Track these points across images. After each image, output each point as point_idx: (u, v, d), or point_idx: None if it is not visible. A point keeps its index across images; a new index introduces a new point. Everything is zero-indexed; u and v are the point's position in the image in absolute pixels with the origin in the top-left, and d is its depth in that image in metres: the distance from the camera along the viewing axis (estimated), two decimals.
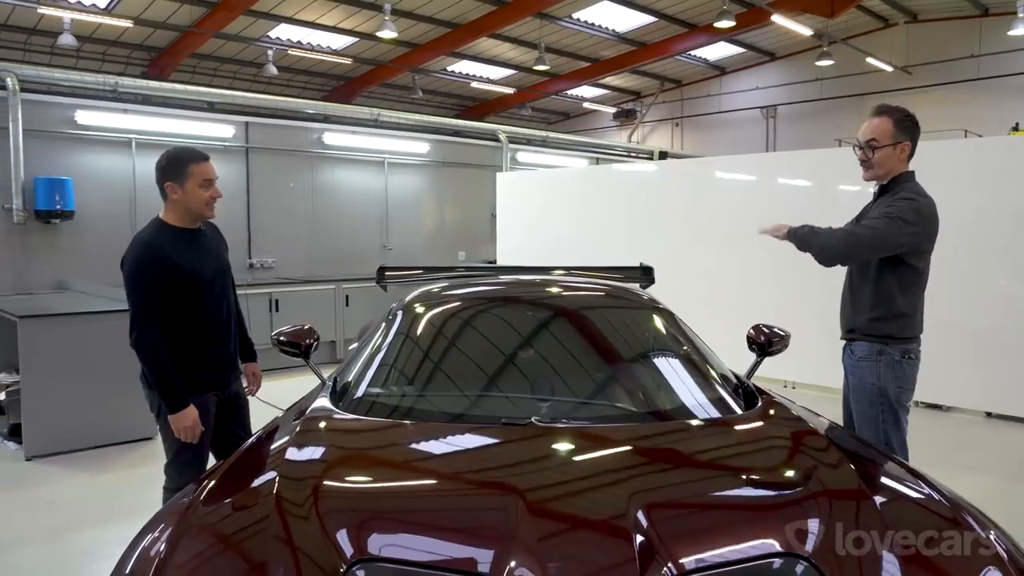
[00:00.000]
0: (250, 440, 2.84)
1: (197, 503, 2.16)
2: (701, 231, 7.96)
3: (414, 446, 2.50)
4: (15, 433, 5.66)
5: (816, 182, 7.36)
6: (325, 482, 2.16)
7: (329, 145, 9.46)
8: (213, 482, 2.33)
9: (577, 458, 2.35)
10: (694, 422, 2.67)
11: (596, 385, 3.09)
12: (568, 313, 3.48)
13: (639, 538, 1.79)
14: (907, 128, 3.27)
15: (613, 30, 17.05)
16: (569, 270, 4.63)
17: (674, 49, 18.03)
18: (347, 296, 9.16)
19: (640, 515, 1.87)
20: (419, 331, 3.28)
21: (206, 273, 3.31)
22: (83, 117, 7.62)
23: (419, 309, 3.40)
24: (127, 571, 1.91)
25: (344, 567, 1.77)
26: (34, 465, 5.36)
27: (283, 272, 9.05)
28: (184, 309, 3.23)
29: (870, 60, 16.62)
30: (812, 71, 18.04)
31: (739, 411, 2.74)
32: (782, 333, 3.58)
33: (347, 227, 9.63)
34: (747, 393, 2.95)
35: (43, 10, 13.61)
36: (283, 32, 16.02)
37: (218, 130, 8.53)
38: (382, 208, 10.05)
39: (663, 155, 14.45)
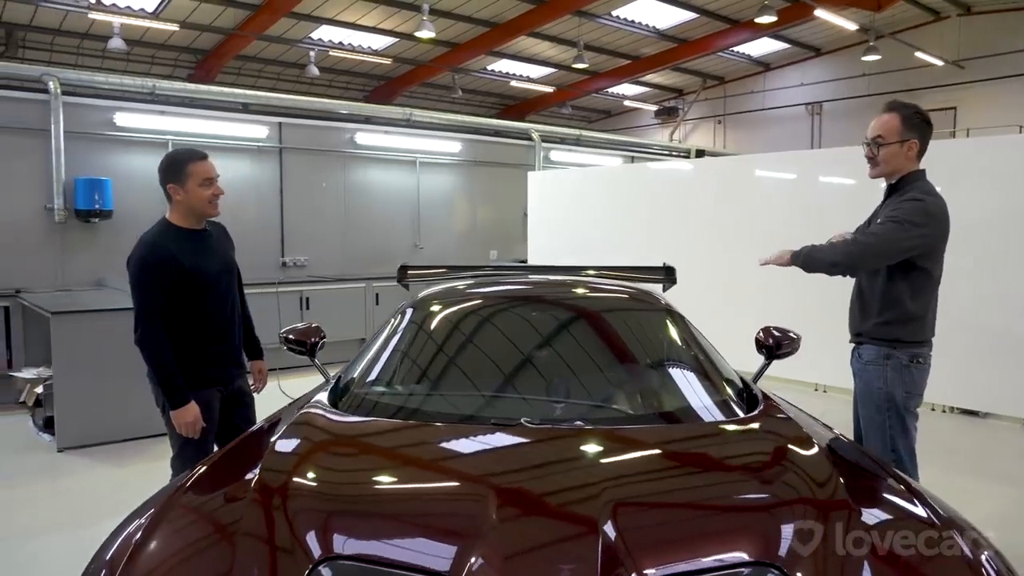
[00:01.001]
0: (248, 432, 2.90)
1: (182, 492, 2.22)
2: (738, 230, 7.77)
3: (396, 445, 2.52)
4: (49, 425, 5.85)
5: (860, 180, 6.94)
6: (298, 479, 2.18)
7: (361, 145, 9.55)
8: (203, 470, 2.39)
9: (558, 461, 2.33)
10: (686, 426, 2.64)
11: (595, 386, 3.06)
12: (572, 314, 3.47)
13: (605, 545, 1.77)
14: (915, 125, 3.18)
15: (653, 27, 16.89)
16: (591, 270, 4.62)
17: (716, 46, 17.77)
18: (377, 294, 9.27)
19: (610, 521, 1.85)
20: (420, 331, 3.31)
21: (210, 272, 3.39)
22: (122, 119, 7.83)
23: (422, 309, 3.42)
24: (107, 555, 1.97)
25: (311, 565, 1.78)
26: (64, 456, 5.54)
27: (315, 271, 9.17)
28: (188, 307, 3.32)
29: (919, 55, 16.15)
30: (859, 66, 17.61)
31: (736, 416, 2.69)
32: (792, 336, 3.52)
33: (379, 226, 9.72)
34: (750, 398, 2.89)
35: (94, 15, 14.00)
36: (324, 33, 16.23)
37: (252, 131, 8.69)
38: (414, 207, 10.11)
39: (700, 153, 14.25)
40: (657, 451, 2.44)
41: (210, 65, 16.96)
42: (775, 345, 3.49)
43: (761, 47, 18.75)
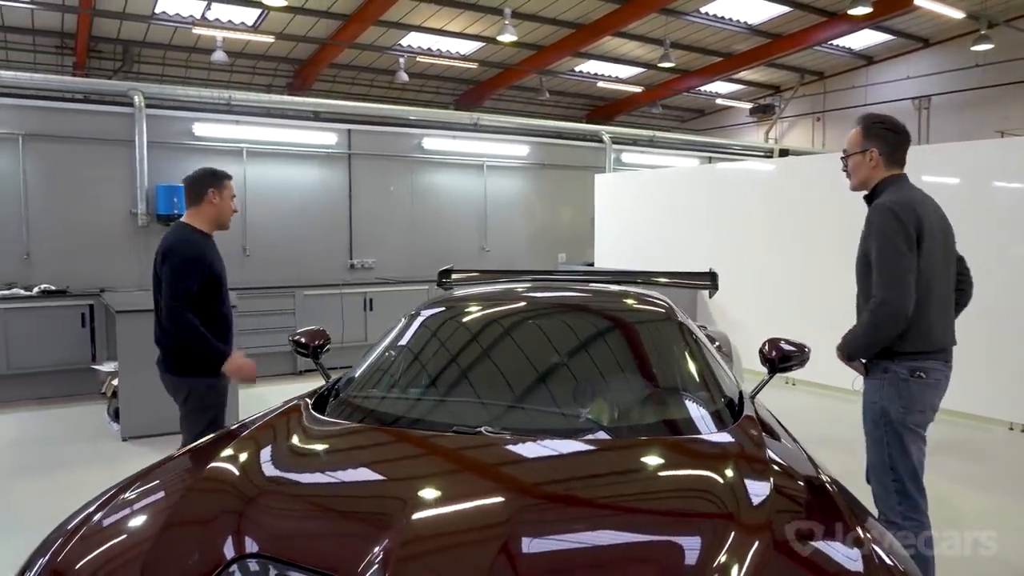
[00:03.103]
0: (235, 424, 3.05)
1: (141, 478, 2.35)
2: (820, 235, 7.35)
3: (343, 448, 2.59)
4: (119, 416, 6.28)
5: (968, 178, 6.52)
6: (233, 475, 2.29)
7: (428, 150, 9.76)
8: (176, 457, 2.55)
9: (499, 472, 2.35)
10: (646, 442, 2.58)
11: (574, 397, 3.04)
12: (564, 323, 3.45)
13: (501, 558, 1.78)
14: (874, 134, 3.19)
15: (745, 22, 16.39)
16: (637, 275, 4.72)
17: (813, 39, 17.06)
18: None
19: (513, 536, 1.86)
20: (413, 338, 3.39)
21: (224, 275, 3.77)
22: (200, 129, 8.32)
23: (420, 316, 3.50)
24: (68, 525, 2.11)
25: (223, 564, 1.87)
26: (128, 445, 5.94)
27: (382, 273, 9.43)
28: (208, 305, 3.65)
29: None
30: (970, 57, 16.51)
31: (698, 433, 2.62)
32: (797, 348, 3.37)
33: (445, 229, 9.90)
34: (735, 414, 2.80)
35: (198, 30, 14.88)
36: (413, 40, 16.61)
37: (322, 138, 9.03)
38: (480, 210, 10.24)
39: (784, 153, 13.72)
40: (607, 469, 2.40)
41: (306, 74, 17.68)
42: (778, 359, 3.35)
43: (863, 39, 17.87)
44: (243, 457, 2.43)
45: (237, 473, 2.31)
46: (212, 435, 2.88)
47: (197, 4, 13.94)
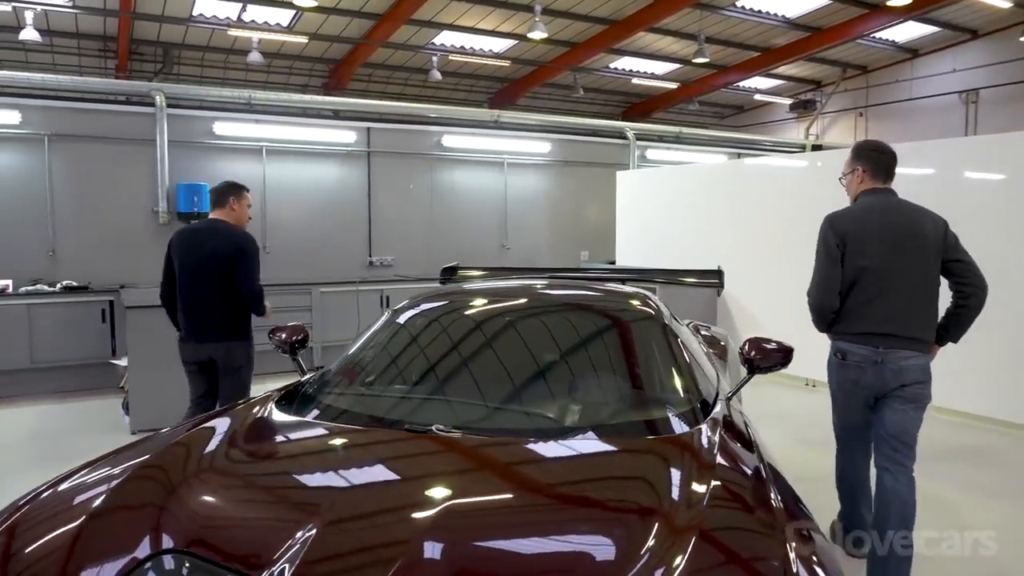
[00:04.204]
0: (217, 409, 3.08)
1: (89, 466, 2.39)
2: None
3: (292, 444, 2.59)
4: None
5: (1016, 172, 6.11)
6: (165, 469, 2.29)
7: (448, 147, 9.76)
8: (144, 442, 2.59)
9: (430, 473, 2.32)
10: (596, 444, 2.53)
11: (538, 397, 3.00)
12: (539, 322, 3.40)
13: (405, 564, 1.74)
14: (861, 155, 3.78)
15: (782, 16, 16.03)
16: (641, 272, 4.72)
17: (854, 32, 16.58)
18: None
19: (423, 541, 1.83)
20: (385, 335, 3.39)
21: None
22: (220, 128, 8.45)
23: (395, 314, 3.50)
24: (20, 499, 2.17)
25: (140, 557, 1.86)
26: (136, 438, 6.03)
27: (401, 270, 9.46)
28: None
29: None
30: (1020, 48, 15.89)
31: (663, 434, 2.57)
32: (779, 349, 3.26)
33: (465, 227, 9.89)
34: (704, 415, 2.73)
35: (234, 32, 15.13)
36: (446, 39, 16.63)
37: (342, 136, 9.10)
38: (501, 208, 10.20)
39: (816, 149, 13.38)
40: (529, 468, 2.35)
41: (341, 74, 17.84)
42: (756, 358, 3.24)
43: (907, 31, 17.32)
44: (188, 448, 2.45)
45: (176, 464, 2.32)
46: (178, 424, 2.91)
47: (233, 6, 14.16)
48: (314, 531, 1.85)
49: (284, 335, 3.71)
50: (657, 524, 1.88)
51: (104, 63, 16.49)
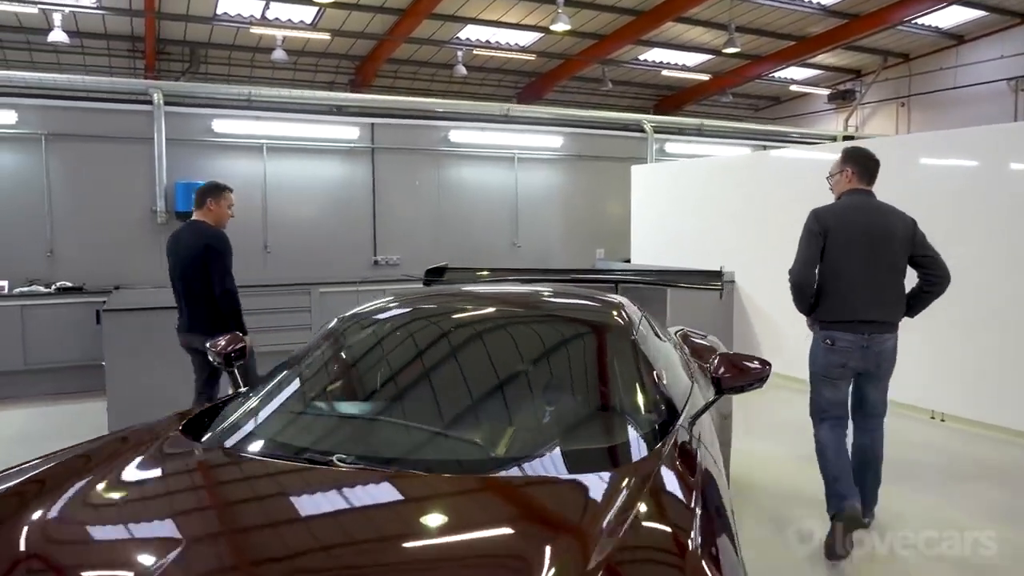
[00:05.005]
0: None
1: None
2: None
3: (168, 480, 2.36)
4: None
5: None
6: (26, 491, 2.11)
7: (455, 143, 9.53)
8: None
9: (302, 513, 2.08)
10: (510, 480, 2.26)
11: (467, 423, 2.71)
12: (485, 338, 3.11)
13: None
14: (848, 158, 4.21)
15: (817, 3, 15.42)
16: (634, 273, 4.72)
17: (894, 18, 15.88)
18: None
19: None
20: (312, 351, 3.13)
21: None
22: (219, 125, 8.34)
23: (328, 330, 3.25)
24: None
25: None
26: None
27: (408, 269, 9.26)
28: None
29: None
30: None
31: (589, 470, 2.27)
32: (749, 366, 2.93)
33: (474, 225, 9.65)
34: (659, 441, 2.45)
35: (257, 30, 15.13)
36: (471, 33, 16.41)
37: (344, 132, 8.93)
38: (511, 205, 9.93)
39: (848, 140, 12.81)
40: (415, 511, 2.09)
41: (366, 71, 17.75)
42: (724, 376, 2.91)
43: (951, 16, 16.52)
44: (60, 476, 2.27)
45: (38, 494, 2.14)
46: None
47: (256, 4, 14.14)
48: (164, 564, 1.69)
49: (220, 346, 3.48)
50: None
51: (133, 63, 16.64)
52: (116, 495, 2.25)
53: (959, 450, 5.80)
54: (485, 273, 5.59)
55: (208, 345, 3.58)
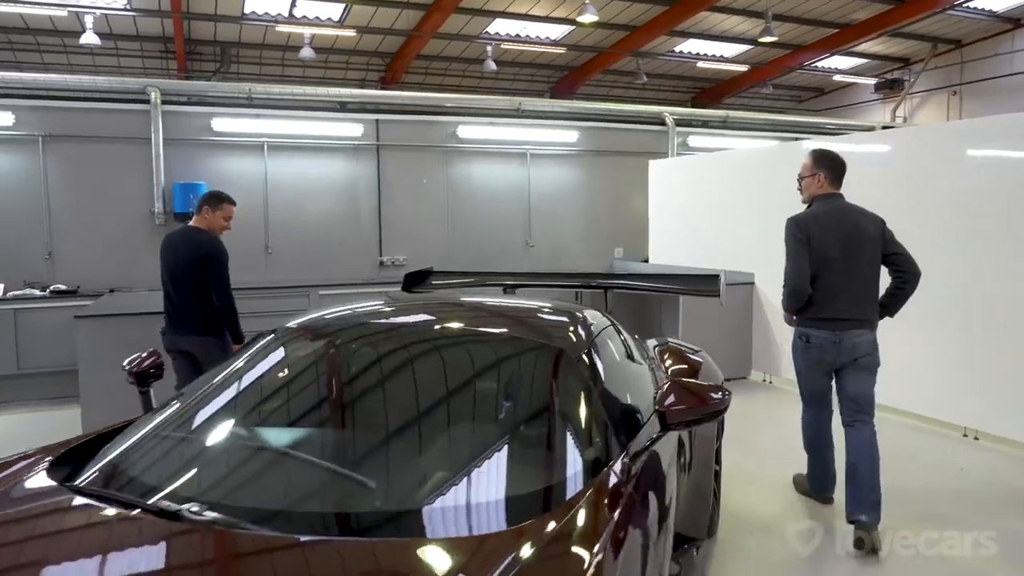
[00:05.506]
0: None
1: None
2: (938, 218, 5.86)
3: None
4: None
5: None
6: None
7: (464, 139, 9.21)
8: None
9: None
10: (378, 542, 1.95)
11: (360, 467, 2.34)
12: (402, 366, 2.76)
13: None
14: (822, 163, 4.34)
15: None
16: (631, 277, 5.14)
17: (944, 1, 15.01)
18: None
19: None
20: (210, 381, 2.81)
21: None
22: (219, 124, 8.19)
23: (251, 348, 2.95)
24: None
25: None
26: None
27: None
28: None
29: None
30: None
31: (487, 527, 1.97)
32: (702, 397, 2.55)
33: (485, 224, 9.33)
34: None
35: (285, 28, 15.06)
36: (501, 27, 16.10)
37: (348, 129, 8.71)
38: (524, 203, 9.58)
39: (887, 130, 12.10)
40: None
41: (396, 68, 17.58)
42: (667, 411, 2.52)
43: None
44: None
45: None
46: None
47: (283, 1, 14.05)
48: None
49: (134, 363, 3.21)
50: None
51: (166, 64, 16.75)
52: None
53: (993, 474, 5.24)
54: (465, 279, 5.34)
55: (125, 363, 3.34)
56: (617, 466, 2.26)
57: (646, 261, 9.31)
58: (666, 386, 2.59)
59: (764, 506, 4.59)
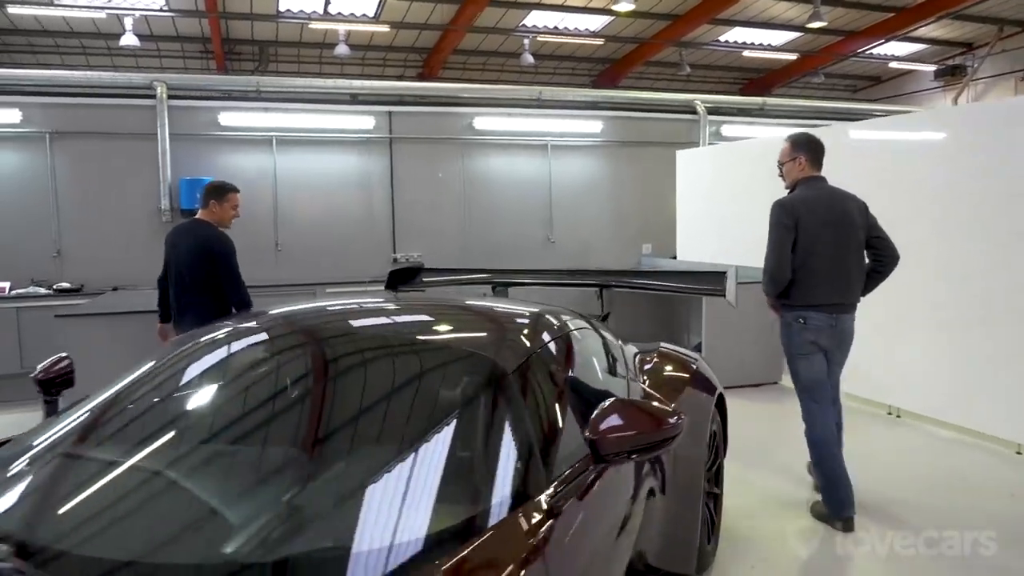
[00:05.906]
0: None
1: None
2: (984, 213, 5.39)
3: None
4: None
5: None
6: None
7: (481, 130, 8.88)
8: None
9: None
10: None
11: (237, 506, 1.99)
12: (317, 379, 2.42)
13: None
14: (801, 146, 4.34)
15: None
16: (632, 274, 4.93)
17: None
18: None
19: None
20: (110, 391, 2.53)
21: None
22: (226, 118, 8.04)
23: (168, 353, 2.68)
24: None
25: None
26: None
27: (430, 266, 8.69)
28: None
29: None
30: None
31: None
32: (644, 425, 2.14)
33: (503, 219, 8.98)
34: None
35: (320, 25, 14.98)
36: (537, 19, 15.74)
37: (359, 122, 8.47)
38: (544, 197, 9.19)
39: None
40: None
41: (433, 63, 17.37)
42: (599, 442, 2.11)
43: None
44: None
45: None
46: None
47: None
48: None
49: (41, 372, 2.96)
50: None
51: (206, 64, 16.87)
52: None
53: None
54: (459, 276, 5.05)
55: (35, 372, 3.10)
56: (542, 500, 1.89)
57: (674, 258, 8.82)
58: (603, 408, 2.16)
59: (772, 532, 4.14)
